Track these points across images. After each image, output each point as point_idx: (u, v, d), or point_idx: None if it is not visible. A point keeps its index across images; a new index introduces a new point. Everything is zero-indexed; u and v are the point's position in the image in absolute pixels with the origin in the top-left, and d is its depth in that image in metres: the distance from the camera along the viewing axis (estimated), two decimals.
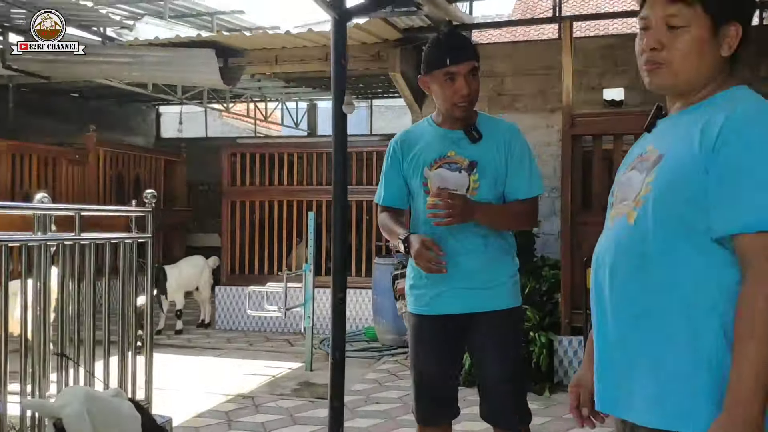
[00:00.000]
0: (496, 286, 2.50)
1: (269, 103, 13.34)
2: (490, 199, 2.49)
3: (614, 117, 5.37)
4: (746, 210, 1.28)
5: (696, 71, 1.44)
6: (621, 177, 1.57)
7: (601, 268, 1.50)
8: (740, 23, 1.41)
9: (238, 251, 8.28)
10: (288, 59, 7.39)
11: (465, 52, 2.45)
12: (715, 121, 1.34)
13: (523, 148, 2.55)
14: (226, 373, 5.93)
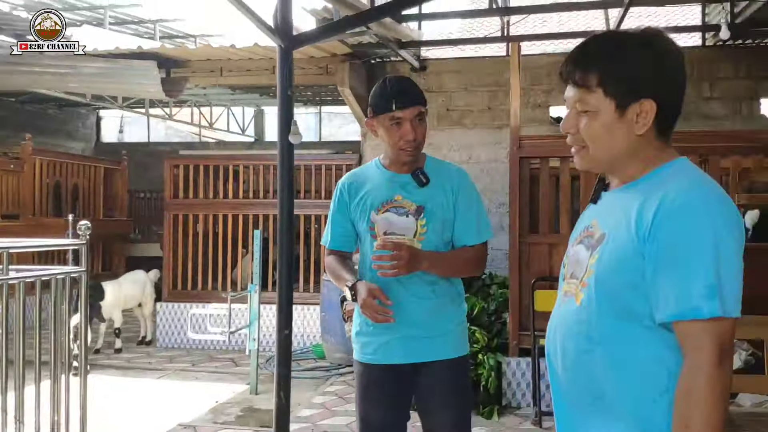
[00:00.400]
0: (444, 335, 2.46)
1: (215, 107, 13.07)
2: (437, 244, 2.45)
3: (561, 140, 5.36)
4: (681, 298, 1.28)
5: (612, 152, 1.44)
6: (570, 249, 1.57)
7: (553, 347, 1.51)
8: (653, 99, 1.39)
9: (181, 266, 8.05)
10: (234, 70, 7.21)
11: (411, 97, 2.41)
12: (650, 205, 1.34)
13: (471, 193, 2.52)
14: (168, 397, 5.74)
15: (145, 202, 13.11)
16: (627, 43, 1.42)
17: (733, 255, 1.30)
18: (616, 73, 1.40)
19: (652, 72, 1.39)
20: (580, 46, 1.48)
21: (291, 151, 3.39)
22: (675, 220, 1.30)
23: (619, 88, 1.40)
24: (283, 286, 3.40)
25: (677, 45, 1.44)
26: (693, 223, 1.29)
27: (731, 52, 6.92)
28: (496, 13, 6.46)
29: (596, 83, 1.41)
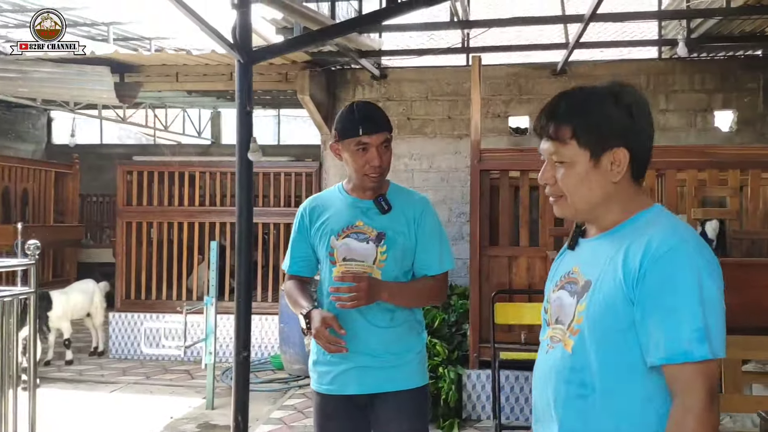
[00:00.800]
0: (402, 365, 2.42)
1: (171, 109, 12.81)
2: (397, 273, 2.41)
3: (520, 153, 5.42)
4: (672, 342, 1.34)
5: (590, 200, 1.50)
6: (551, 294, 1.62)
7: (543, 394, 1.56)
8: (625, 147, 1.46)
9: (134, 275, 7.85)
10: (190, 75, 7.07)
11: (378, 123, 2.38)
12: (635, 251, 1.40)
13: (434, 222, 2.47)
14: (121, 412, 5.58)
15: (97, 206, 12.78)
16: (596, 97, 1.49)
17: (716, 298, 1.37)
18: (588, 124, 1.47)
19: (622, 121, 1.46)
20: (553, 102, 1.54)
21: (250, 169, 3.31)
22: (661, 267, 1.36)
23: (591, 138, 1.47)
24: (241, 307, 3.32)
25: (642, 95, 1.53)
26: (679, 269, 1.36)
27: (686, 65, 7.05)
28: (456, 26, 6.45)
29: (570, 135, 1.48)
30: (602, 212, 1.52)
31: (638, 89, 1.54)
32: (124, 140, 15.89)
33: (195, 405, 5.80)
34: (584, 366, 1.46)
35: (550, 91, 7.25)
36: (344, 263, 2.40)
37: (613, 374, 1.43)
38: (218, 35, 3.05)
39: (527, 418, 5.20)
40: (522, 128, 7.44)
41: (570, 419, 1.48)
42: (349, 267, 2.39)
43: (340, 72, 7.58)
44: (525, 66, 7.31)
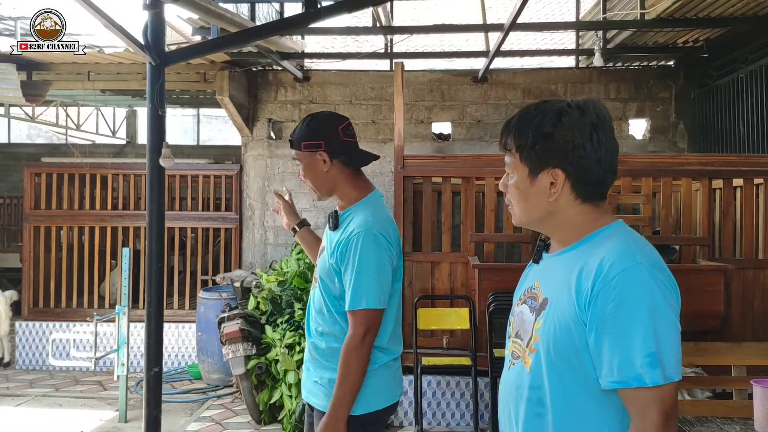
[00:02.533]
0: (318, 384, 2.36)
1: (84, 107, 12.26)
2: (325, 291, 2.34)
3: (442, 160, 5.44)
4: (624, 367, 1.34)
5: (529, 214, 1.53)
6: (515, 308, 1.63)
7: (506, 411, 1.58)
8: (562, 168, 1.46)
9: (43, 282, 7.46)
10: (103, 73, 6.77)
11: (291, 141, 2.40)
12: (587, 273, 1.40)
13: (355, 251, 2.22)
14: (28, 428, 5.28)
15: (4, 208, 12.12)
16: (543, 114, 1.49)
17: (670, 320, 1.36)
18: (526, 142, 1.49)
19: (560, 143, 1.46)
20: (513, 116, 1.56)
21: (162, 176, 3.17)
22: (612, 290, 1.35)
23: (530, 156, 1.49)
24: (153, 319, 3.16)
25: (600, 116, 1.49)
26: (630, 292, 1.35)
27: (602, 74, 7.25)
28: (379, 32, 6.41)
29: (514, 150, 1.52)
30: (552, 228, 1.54)
31: (602, 109, 1.51)
32: (35, 139, 15.15)
33: (107, 418, 5.55)
34: (540, 385, 1.46)
35: (471, 97, 7.33)
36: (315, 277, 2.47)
37: (565, 394, 1.43)
38: (128, 36, 2.90)
39: (449, 423, 5.21)
40: (444, 134, 7.48)
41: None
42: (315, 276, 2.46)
43: (262, 73, 7.43)
44: (447, 72, 7.34)
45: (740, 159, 5.27)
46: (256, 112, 7.46)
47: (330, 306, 2.31)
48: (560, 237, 1.54)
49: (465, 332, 5.19)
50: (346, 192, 2.34)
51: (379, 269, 2.21)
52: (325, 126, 2.32)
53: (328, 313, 2.32)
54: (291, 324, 5.40)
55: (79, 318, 7.19)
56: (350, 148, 2.34)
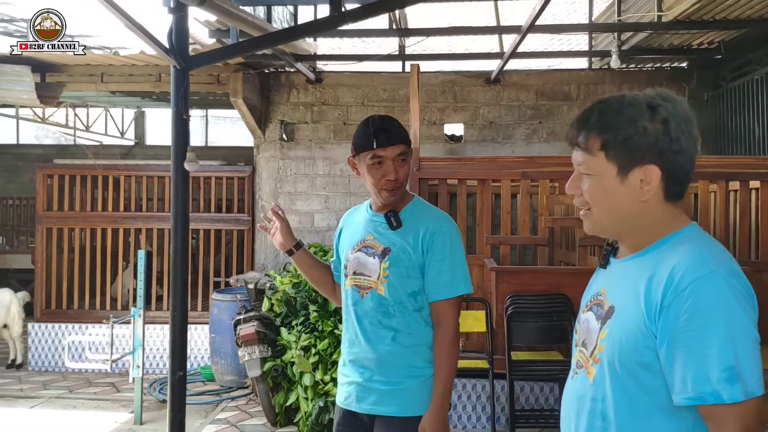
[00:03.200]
0: (400, 390, 2.31)
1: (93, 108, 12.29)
2: (400, 293, 2.32)
3: (458, 162, 5.44)
4: (700, 382, 1.25)
5: (616, 216, 1.41)
6: (581, 315, 1.54)
7: (567, 422, 1.51)
8: (657, 164, 1.36)
9: (55, 283, 7.48)
10: (115, 75, 6.78)
11: (393, 136, 2.33)
12: (657, 282, 1.31)
13: (446, 243, 2.33)
14: (45, 430, 5.29)
15: (14, 209, 12.15)
16: (632, 108, 1.38)
17: (749, 331, 1.26)
18: (616, 138, 1.37)
19: (655, 138, 1.36)
20: (587, 110, 1.44)
21: (186, 180, 3.17)
22: (685, 301, 1.26)
23: (620, 153, 1.37)
24: (177, 323, 3.16)
25: (686, 109, 1.39)
26: (704, 303, 1.26)
27: (615, 75, 7.23)
28: (395, 34, 6.41)
29: (598, 147, 1.39)
30: (630, 231, 1.43)
31: (683, 102, 1.41)
32: (43, 140, 15.17)
33: (122, 420, 5.56)
34: (604, 397, 1.38)
35: (484, 99, 7.32)
36: (354, 277, 2.40)
37: (631, 409, 1.35)
38: (154, 40, 2.90)
39: (465, 426, 5.21)
40: (457, 135, 7.48)
41: None
42: (357, 280, 2.39)
43: (274, 75, 7.43)
44: (460, 74, 7.34)
45: (757, 161, 5.25)
46: (268, 114, 7.46)
47: (407, 305, 2.32)
48: (634, 241, 1.44)
49: (481, 335, 5.18)
50: (404, 190, 2.41)
51: (464, 258, 2.37)
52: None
53: (403, 314, 2.32)
54: (306, 326, 5.40)
55: (91, 319, 7.21)
56: None
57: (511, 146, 7.31)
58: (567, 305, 4.58)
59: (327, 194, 7.43)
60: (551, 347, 4.96)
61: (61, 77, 6.64)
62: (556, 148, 7.23)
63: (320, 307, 5.42)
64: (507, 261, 5.27)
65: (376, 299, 2.34)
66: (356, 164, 2.40)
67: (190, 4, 2.99)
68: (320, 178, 7.46)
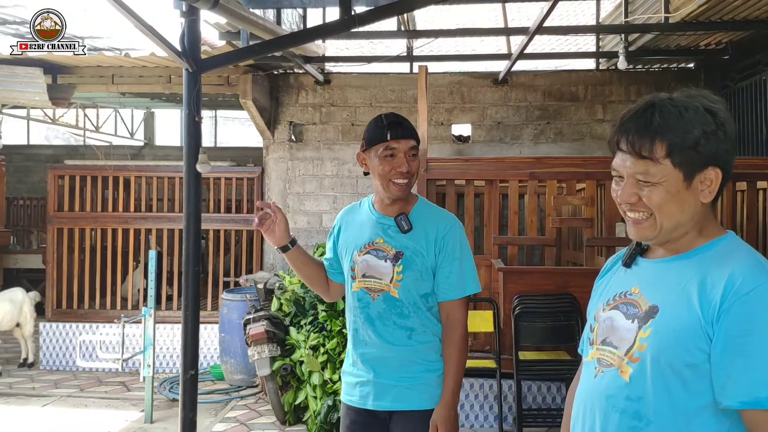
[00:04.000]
0: (419, 385, 2.37)
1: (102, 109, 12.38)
2: (414, 294, 2.37)
3: (465, 162, 5.47)
4: (755, 386, 1.26)
5: (678, 221, 1.41)
6: (600, 312, 1.53)
7: (588, 420, 1.47)
8: (719, 167, 1.37)
9: (66, 283, 7.55)
10: (125, 76, 6.84)
11: (405, 130, 2.37)
12: (714, 284, 1.32)
13: (456, 244, 2.39)
14: (55, 428, 5.35)
15: (24, 209, 12.25)
16: (692, 112, 1.38)
17: None
18: (685, 144, 1.36)
19: (717, 141, 1.37)
20: (641, 115, 1.41)
21: (198, 181, 3.22)
22: (747, 306, 1.27)
23: (687, 159, 1.37)
24: (189, 323, 3.21)
25: (728, 110, 1.42)
26: (764, 308, 1.27)
27: (622, 76, 7.25)
28: (403, 36, 6.46)
29: (664, 155, 1.37)
30: (682, 234, 1.43)
31: (724, 102, 1.43)
32: (52, 141, 15.29)
33: (132, 419, 5.61)
34: (641, 396, 1.38)
35: (491, 99, 7.35)
36: (363, 279, 2.41)
37: (673, 409, 1.35)
38: (167, 44, 2.95)
39: (472, 425, 5.24)
40: (464, 136, 7.51)
41: None
42: (367, 283, 2.40)
43: (283, 76, 7.48)
44: (467, 75, 7.37)
45: (764, 162, 5.26)
46: (277, 115, 7.52)
47: (420, 305, 2.37)
48: (681, 243, 1.44)
49: (489, 335, 5.21)
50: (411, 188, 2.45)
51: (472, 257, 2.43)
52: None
53: (417, 314, 2.37)
54: (315, 326, 5.44)
55: (102, 319, 7.27)
56: None
57: (519, 147, 7.34)
58: (574, 305, 4.61)
59: (335, 195, 7.48)
60: (558, 347, 4.98)
61: (72, 79, 6.71)
62: (563, 148, 7.26)
63: (329, 307, 5.46)
64: (515, 261, 5.30)
65: (389, 301, 2.38)
66: (366, 159, 2.41)
67: (202, 7, 3.04)
68: (328, 178, 7.50)
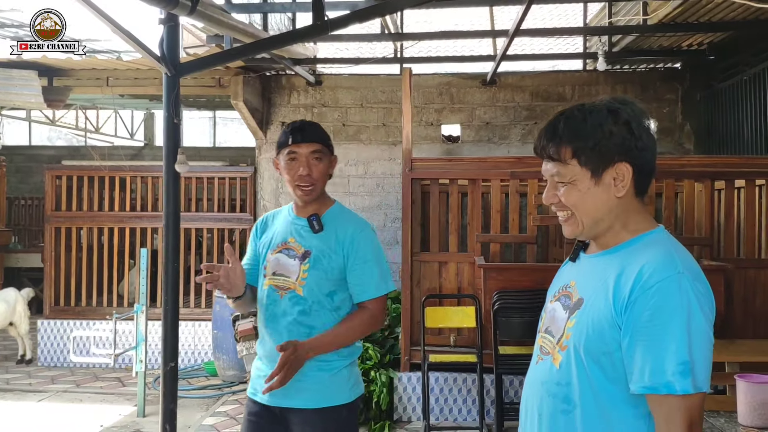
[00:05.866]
0: (314, 383, 2.39)
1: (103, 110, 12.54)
2: (318, 294, 2.41)
3: (449, 162, 5.59)
4: (656, 373, 1.36)
5: (596, 216, 1.50)
6: (548, 304, 1.65)
7: (531, 404, 1.58)
8: (628, 162, 1.46)
9: (64, 281, 7.70)
10: (120, 78, 6.98)
11: (308, 134, 2.44)
12: (626, 278, 1.42)
13: (368, 246, 2.45)
14: (50, 422, 5.49)
15: (25, 209, 12.42)
16: (594, 115, 1.48)
17: (705, 332, 1.37)
18: (586, 144, 1.47)
19: (621, 138, 1.46)
20: (552, 123, 1.53)
21: (177, 181, 3.34)
22: (651, 298, 1.37)
23: (591, 158, 1.47)
24: (169, 319, 3.34)
25: (643, 110, 1.51)
26: (668, 301, 1.36)
27: (609, 76, 7.36)
28: (388, 38, 6.58)
29: (570, 156, 1.48)
30: (606, 230, 1.52)
31: (638, 103, 1.52)
32: (54, 141, 15.47)
33: (126, 413, 5.75)
34: (569, 382, 1.48)
35: (480, 100, 7.46)
36: (273, 277, 2.45)
37: (594, 393, 1.44)
38: (145, 48, 3.08)
39: (455, 419, 5.36)
40: (454, 136, 7.62)
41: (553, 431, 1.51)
42: (276, 281, 2.44)
43: (275, 77, 7.61)
44: (456, 76, 7.49)
45: (742, 160, 5.36)
46: (269, 116, 7.65)
47: (325, 304, 2.41)
48: (608, 238, 1.53)
49: (471, 330, 5.33)
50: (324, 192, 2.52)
51: (385, 259, 2.49)
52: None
53: (319, 313, 2.41)
54: None
55: (99, 316, 7.41)
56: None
57: (507, 146, 7.45)
58: None
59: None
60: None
61: (68, 81, 6.85)
62: None
63: None
64: (497, 259, 5.41)
65: (294, 299, 2.42)
66: (278, 164, 2.49)
67: (180, 14, 3.16)
68: None
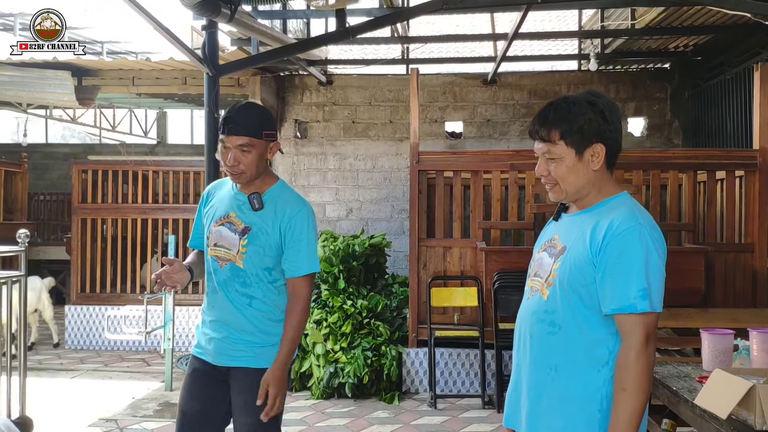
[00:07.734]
0: (255, 346, 2.55)
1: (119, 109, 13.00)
2: (257, 267, 2.54)
3: (453, 155, 6.04)
4: (621, 296, 1.79)
5: (577, 185, 1.94)
6: (535, 255, 2.08)
7: (523, 330, 2.00)
8: (602, 142, 1.90)
9: (89, 270, 8.17)
10: (144, 78, 7.44)
11: (236, 127, 2.46)
12: (600, 228, 1.85)
13: (303, 227, 2.56)
14: (84, 395, 5.91)
15: (44, 204, 12.88)
16: (577, 105, 1.91)
17: (659, 267, 1.81)
18: (572, 128, 1.90)
19: (598, 124, 1.90)
20: (543, 111, 1.95)
21: (217, 169, 3.81)
22: (619, 241, 1.80)
23: (575, 139, 1.90)
24: None
25: (613, 102, 1.96)
26: (632, 243, 1.80)
27: (602, 76, 7.83)
28: (397, 41, 7.04)
29: (558, 137, 1.91)
30: (586, 194, 1.94)
31: (608, 97, 1.96)
32: (69, 139, 15.94)
33: (154, 387, 6.19)
34: (555, 310, 1.90)
35: (481, 98, 7.94)
36: (214, 248, 2.59)
37: (574, 316, 1.87)
38: (191, 52, 3.55)
39: (459, 390, 5.82)
40: (457, 132, 8.10)
41: (542, 349, 1.93)
42: (217, 252, 2.58)
43: (289, 77, 8.08)
44: (459, 75, 7.96)
45: (723, 153, 5.79)
46: (283, 114, 8.13)
47: (262, 277, 2.56)
48: (584, 202, 1.95)
49: (474, 309, 5.79)
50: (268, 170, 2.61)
51: (316, 240, 2.63)
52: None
53: (259, 285, 2.56)
54: (318, 303, 6.04)
55: (121, 302, 7.88)
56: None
57: (507, 142, 7.92)
58: None
59: (337, 187, 8.08)
60: None
61: (96, 81, 7.32)
62: None
63: (331, 286, 6.07)
64: (497, 244, 5.87)
65: (234, 270, 2.55)
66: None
67: (221, 21, 3.64)
68: (331, 172, 8.11)
